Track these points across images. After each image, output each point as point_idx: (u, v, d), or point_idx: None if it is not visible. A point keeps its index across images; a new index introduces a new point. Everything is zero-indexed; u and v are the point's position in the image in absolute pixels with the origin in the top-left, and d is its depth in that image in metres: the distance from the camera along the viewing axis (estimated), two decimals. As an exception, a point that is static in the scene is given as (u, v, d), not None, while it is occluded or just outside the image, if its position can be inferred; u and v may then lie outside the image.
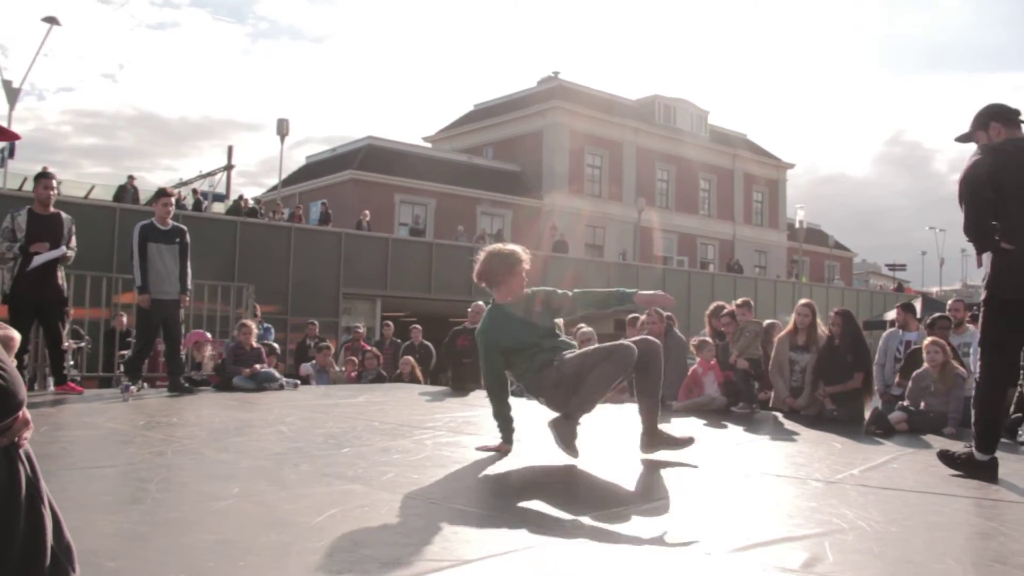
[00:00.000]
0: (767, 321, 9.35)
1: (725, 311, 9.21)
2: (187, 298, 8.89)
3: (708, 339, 8.72)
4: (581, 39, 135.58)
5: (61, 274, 8.20)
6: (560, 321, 5.24)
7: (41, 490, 1.77)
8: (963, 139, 4.92)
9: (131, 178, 23.54)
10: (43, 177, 8.37)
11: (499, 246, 5.13)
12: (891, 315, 11.35)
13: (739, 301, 9.46)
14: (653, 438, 4.91)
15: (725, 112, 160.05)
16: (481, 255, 5.07)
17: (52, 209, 8.16)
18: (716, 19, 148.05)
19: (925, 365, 7.15)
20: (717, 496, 4.00)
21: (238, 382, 9.42)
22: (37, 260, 7.87)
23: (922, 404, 7.03)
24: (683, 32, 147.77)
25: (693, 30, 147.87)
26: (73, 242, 8.22)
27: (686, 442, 4.92)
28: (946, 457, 4.67)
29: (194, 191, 27.51)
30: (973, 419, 4.64)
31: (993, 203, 4.46)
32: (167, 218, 8.74)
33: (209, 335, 11.70)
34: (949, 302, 9.66)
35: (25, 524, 1.70)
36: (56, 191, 8.32)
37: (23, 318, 8.08)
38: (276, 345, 12.13)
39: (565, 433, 4.67)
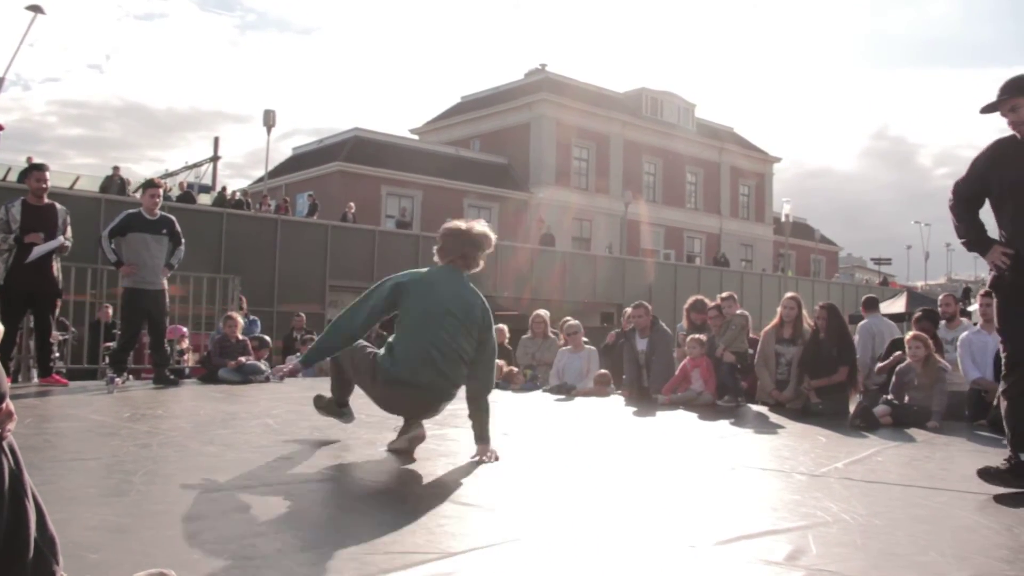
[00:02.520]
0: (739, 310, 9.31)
1: (711, 304, 9.23)
2: (168, 271, 8.85)
3: (701, 338, 8.72)
4: (568, 31, 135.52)
5: (57, 265, 8.19)
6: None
7: (24, 482, 1.76)
8: (989, 109, 4.20)
9: (116, 169, 23.42)
10: (36, 169, 8.33)
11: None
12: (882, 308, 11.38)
13: (724, 294, 9.47)
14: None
15: (712, 105, 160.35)
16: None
17: (46, 200, 8.15)
18: (704, 12, 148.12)
19: (908, 360, 7.19)
20: (702, 489, 4.02)
21: (224, 374, 9.39)
22: (37, 251, 7.86)
23: (906, 398, 7.07)
24: (670, 25, 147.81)
25: (680, 23, 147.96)
26: (69, 232, 8.21)
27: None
28: (988, 474, 4.05)
29: (181, 184, 27.37)
30: (1007, 424, 4.21)
31: None
32: (155, 209, 8.70)
33: (184, 329, 11.66)
34: (940, 296, 9.69)
35: (8, 516, 1.70)
36: (48, 183, 8.30)
37: (15, 310, 8.04)
38: (267, 338, 12.08)
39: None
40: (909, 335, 7.34)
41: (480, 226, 4.80)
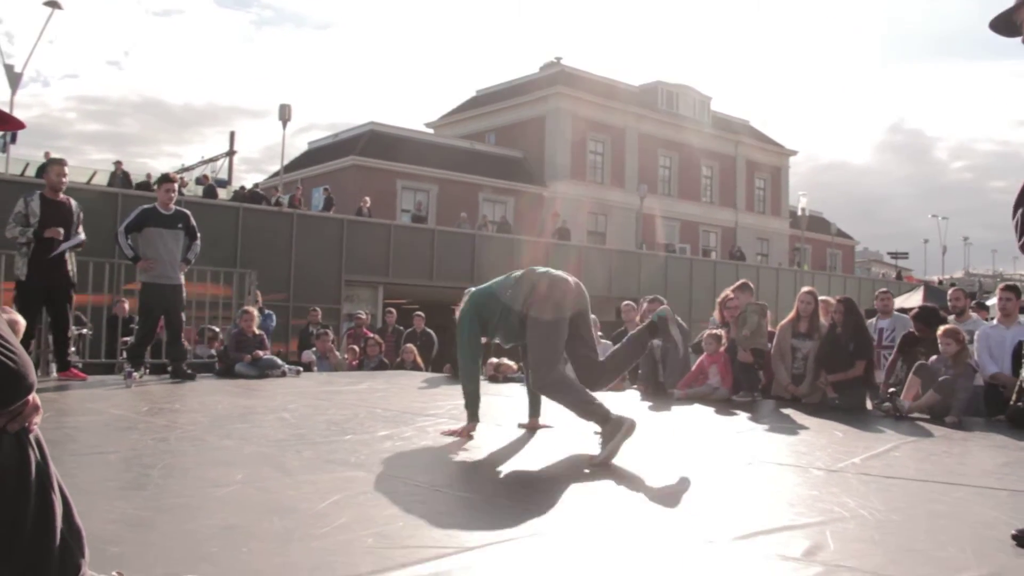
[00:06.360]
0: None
1: (730, 296, 9.14)
2: (185, 267, 8.88)
3: (719, 333, 8.67)
4: (584, 24, 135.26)
5: (71, 260, 8.25)
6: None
7: (51, 475, 1.78)
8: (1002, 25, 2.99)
9: (119, 164, 23.48)
10: (55, 163, 8.39)
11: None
12: (899, 302, 11.31)
13: (736, 284, 9.39)
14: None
15: (728, 98, 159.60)
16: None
17: (62, 195, 8.20)
18: (719, 5, 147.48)
19: (933, 358, 7.19)
20: (719, 484, 4.01)
21: (240, 369, 9.43)
22: (62, 247, 7.95)
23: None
24: (686, 18, 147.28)
25: (696, 16, 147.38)
26: (81, 228, 8.27)
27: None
28: None
29: (201, 178, 27.42)
30: None
31: None
32: (169, 203, 8.72)
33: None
34: (950, 291, 9.64)
35: (35, 509, 1.71)
36: (67, 177, 8.37)
37: (33, 304, 8.11)
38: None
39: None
40: (941, 330, 7.29)
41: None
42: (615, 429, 4.48)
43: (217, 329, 12.18)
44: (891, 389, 7.61)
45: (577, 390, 4.80)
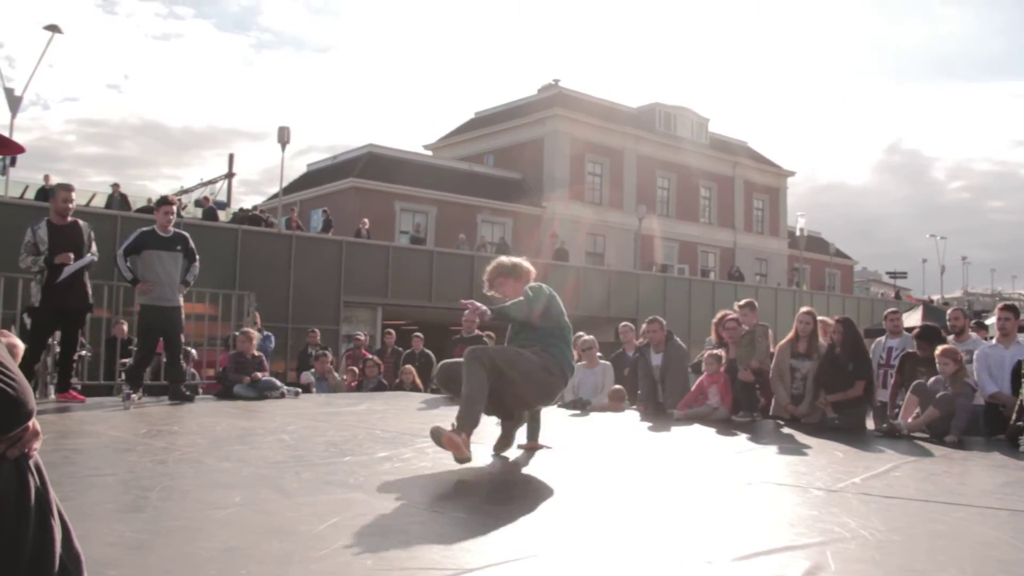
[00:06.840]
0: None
1: (730, 316, 9.15)
2: (184, 288, 8.86)
3: (719, 353, 8.67)
4: (582, 47, 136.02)
5: (88, 281, 8.22)
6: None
7: (50, 500, 1.78)
8: None
9: (116, 186, 23.51)
10: (62, 189, 8.36)
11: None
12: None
13: (742, 302, 9.39)
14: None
15: (725, 120, 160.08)
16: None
17: (69, 219, 8.19)
18: (717, 27, 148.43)
19: (932, 379, 7.19)
20: (719, 505, 4.00)
21: (239, 390, 9.41)
22: (68, 270, 7.91)
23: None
24: (684, 40, 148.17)
25: (694, 38, 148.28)
26: (94, 247, 8.26)
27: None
28: None
29: (201, 200, 27.38)
30: None
31: None
32: (168, 226, 8.73)
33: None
34: (949, 311, 9.66)
35: (34, 534, 1.71)
36: (74, 202, 8.35)
37: (46, 328, 8.10)
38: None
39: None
40: (939, 350, 7.30)
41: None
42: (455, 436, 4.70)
43: (192, 350, 12.17)
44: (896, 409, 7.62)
45: (483, 392, 4.89)
